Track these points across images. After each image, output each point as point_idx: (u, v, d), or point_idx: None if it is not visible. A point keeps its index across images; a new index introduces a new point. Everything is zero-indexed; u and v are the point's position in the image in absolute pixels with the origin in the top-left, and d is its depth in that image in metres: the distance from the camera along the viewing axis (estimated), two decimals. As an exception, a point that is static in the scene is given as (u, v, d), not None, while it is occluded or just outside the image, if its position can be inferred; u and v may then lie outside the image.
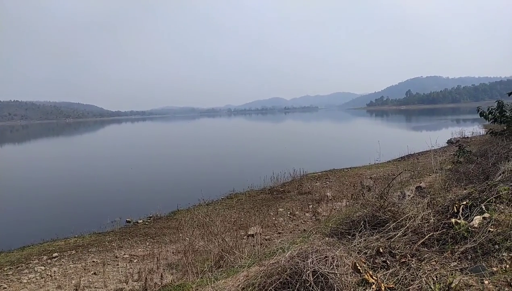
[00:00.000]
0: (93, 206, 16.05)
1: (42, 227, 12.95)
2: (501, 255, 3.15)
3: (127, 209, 14.38)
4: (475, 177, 6.36)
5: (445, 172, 7.82)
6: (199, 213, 10.41)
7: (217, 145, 42.99)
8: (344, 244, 3.91)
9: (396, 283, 2.91)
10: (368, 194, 5.73)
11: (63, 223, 12.95)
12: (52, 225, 12.99)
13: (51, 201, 17.45)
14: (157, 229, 11.95)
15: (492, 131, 10.24)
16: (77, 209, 15.74)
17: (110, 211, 13.93)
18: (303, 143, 40.56)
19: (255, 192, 16.12)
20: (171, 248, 9.26)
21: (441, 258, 3.31)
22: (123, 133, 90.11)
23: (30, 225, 13.44)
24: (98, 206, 15.95)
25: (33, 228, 12.98)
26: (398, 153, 22.52)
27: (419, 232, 3.90)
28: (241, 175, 20.24)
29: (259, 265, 3.80)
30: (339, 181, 16.67)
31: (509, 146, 7.33)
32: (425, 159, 18.13)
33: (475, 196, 4.47)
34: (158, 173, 24.43)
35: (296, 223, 10.85)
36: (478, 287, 2.58)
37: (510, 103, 10.06)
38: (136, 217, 13.35)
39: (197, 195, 14.69)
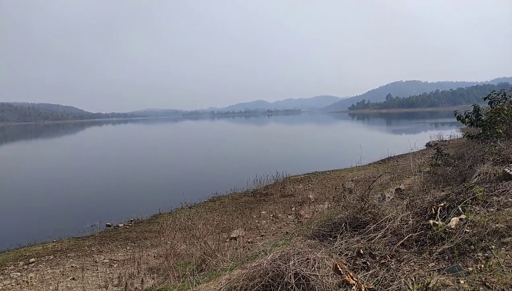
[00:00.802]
0: (72, 210, 15.66)
1: (18, 231, 12.56)
2: (476, 255, 3.25)
3: (107, 213, 14.11)
4: (452, 179, 6.53)
5: (423, 174, 8.00)
6: (181, 216, 10.31)
7: (200, 148, 42.74)
8: (325, 246, 3.95)
9: (376, 284, 2.96)
10: (350, 196, 5.80)
11: (41, 228, 12.58)
12: (29, 230, 12.60)
13: (28, 205, 16.93)
14: (138, 232, 11.76)
15: (469, 135, 10.53)
16: (55, 213, 15.32)
17: (90, 215, 13.64)
18: (286, 146, 40.75)
19: (238, 194, 16.08)
20: (152, 252, 9.14)
21: (419, 259, 3.38)
22: (104, 135, 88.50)
23: (6, 230, 13.01)
24: (77, 210, 15.57)
25: (9, 232, 12.58)
26: (379, 156, 22.91)
27: (398, 233, 3.97)
28: (224, 178, 20.17)
29: (241, 268, 3.79)
30: (322, 184, 16.82)
31: (485, 149, 7.55)
32: (404, 162, 18.53)
33: (452, 197, 4.59)
34: (140, 176, 24.07)
35: (278, 225, 10.89)
36: (454, 287, 2.65)
37: (485, 108, 10.38)
38: (117, 221, 13.11)
39: (179, 198, 14.55)
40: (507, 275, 2.72)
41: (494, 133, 8.78)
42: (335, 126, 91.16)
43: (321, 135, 60.71)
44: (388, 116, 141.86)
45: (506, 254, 3.13)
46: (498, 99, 9.99)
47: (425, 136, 34.03)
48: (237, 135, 68.37)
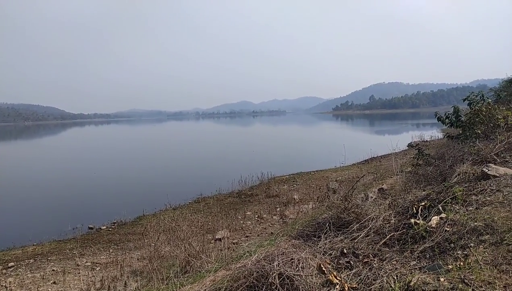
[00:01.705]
0: (53, 212, 15.29)
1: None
2: (456, 253, 3.33)
3: (89, 215, 13.84)
4: (433, 179, 6.67)
5: (405, 174, 8.15)
6: (166, 217, 10.21)
7: (185, 149, 42.39)
8: (310, 246, 3.98)
9: (359, 283, 2.99)
10: (334, 196, 5.87)
11: (21, 231, 12.24)
12: (9, 233, 12.25)
13: (7, 208, 16.44)
14: (121, 235, 11.59)
15: (449, 135, 10.77)
16: (36, 215, 14.93)
17: (72, 218, 13.34)
18: (271, 146, 40.85)
19: (223, 195, 16.03)
20: (135, 254, 9.01)
21: (401, 258, 3.44)
22: (86, 136, 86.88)
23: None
24: (59, 212, 15.20)
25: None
26: (363, 156, 23.21)
27: (381, 232, 4.03)
28: (209, 179, 20.07)
29: (226, 269, 3.78)
30: (306, 184, 16.92)
31: (464, 149, 7.74)
32: (387, 162, 18.82)
33: (433, 197, 4.70)
34: (123, 178, 23.70)
35: (263, 226, 10.90)
36: (435, 285, 2.70)
37: (465, 109, 10.65)
38: (99, 223, 12.87)
39: (163, 200, 14.41)
40: (485, 272, 2.80)
41: (473, 134, 9.01)
42: (320, 127, 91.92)
43: (306, 136, 61.14)
44: (371, 117, 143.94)
45: (484, 252, 3.22)
46: (477, 101, 10.26)
47: (407, 137, 34.67)
48: (222, 136, 68.15)
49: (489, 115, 9.33)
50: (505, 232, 3.43)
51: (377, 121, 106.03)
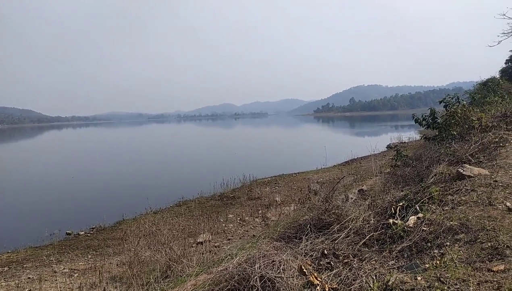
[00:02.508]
0: (29, 218, 14.81)
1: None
2: (432, 252, 3.41)
3: (67, 220, 13.50)
4: (411, 180, 6.82)
5: (384, 175, 8.31)
6: (146, 222, 10.05)
7: (166, 152, 41.92)
8: (291, 247, 3.99)
9: (339, 283, 3.03)
10: (315, 197, 5.92)
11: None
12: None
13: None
14: (100, 240, 11.36)
15: (426, 137, 11.07)
16: (11, 221, 14.48)
17: (49, 223, 12.95)
18: (253, 149, 40.89)
19: (205, 198, 15.93)
20: (115, 260, 8.83)
21: (380, 257, 3.50)
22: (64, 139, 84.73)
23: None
24: (35, 218, 14.75)
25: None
26: (343, 158, 23.53)
27: (360, 233, 4.10)
28: (191, 182, 19.91)
29: (207, 273, 3.76)
30: (288, 186, 17.01)
31: (440, 150, 7.96)
32: (367, 163, 19.14)
33: (410, 197, 4.81)
34: (102, 181, 23.22)
35: (245, 228, 10.89)
36: (412, 284, 2.76)
37: (441, 111, 10.97)
38: (78, 229, 12.58)
39: (144, 203, 14.19)
40: (459, 270, 2.88)
41: (449, 135, 9.28)
42: (301, 129, 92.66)
43: (288, 138, 61.50)
44: (351, 119, 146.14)
45: (459, 250, 3.31)
46: (452, 103, 10.58)
47: (386, 139, 35.36)
48: (204, 138, 67.77)
49: (464, 117, 9.63)
50: (478, 230, 3.54)
51: (357, 123, 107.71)
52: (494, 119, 10.82)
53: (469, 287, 2.60)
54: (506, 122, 11.00)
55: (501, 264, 2.84)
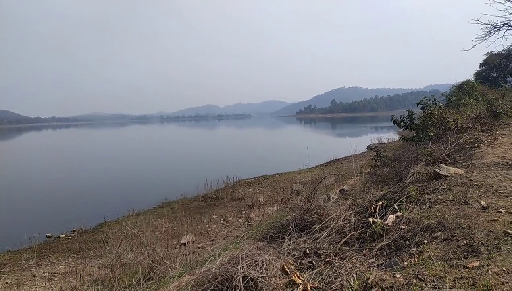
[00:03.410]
0: (7, 222, 14.38)
1: None
2: (410, 250, 3.51)
3: (47, 223, 13.16)
4: (390, 179, 6.99)
5: (364, 175, 8.47)
6: (128, 224, 9.94)
7: (149, 153, 41.36)
8: (274, 247, 4.03)
9: (321, 282, 3.08)
10: (297, 198, 5.98)
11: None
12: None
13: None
14: (81, 243, 11.16)
15: (404, 138, 11.34)
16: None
17: (28, 226, 12.64)
18: (236, 150, 40.85)
19: (188, 199, 15.84)
20: (97, 262, 8.68)
21: (360, 256, 3.58)
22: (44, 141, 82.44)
23: None
24: (13, 221, 14.35)
25: None
26: (325, 158, 23.81)
27: (341, 232, 4.18)
28: (174, 183, 19.75)
29: (190, 274, 3.76)
30: (271, 186, 17.09)
31: (418, 151, 8.17)
32: (348, 163, 19.42)
33: (389, 196, 4.93)
34: (84, 183, 22.71)
35: (229, 229, 10.89)
36: (391, 281, 2.84)
37: (419, 112, 11.26)
38: (58, 231, 12.32)
39: (126, 205, 14.00)
40: (437, 267, 2.98)
41: (426, 136, 9.54)
42: (284, 130, 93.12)
43: (271, 139, 61.69)
44: (333, 120, 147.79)
45: (436, 248, 3.42)
46: (429, 105, 10.87)
47: (366, 139, 35.98)
48: (187, 140, 67.20)
49: (440, 119, 9.92)
50: (455, 228, 3.67)
51: (339, 124, 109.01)
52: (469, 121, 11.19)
53: (445, 283, 2.69)
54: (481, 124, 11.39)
55: (476, 261, 2.95)
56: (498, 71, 28.39)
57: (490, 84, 24.62)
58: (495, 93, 18.34)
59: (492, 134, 9.97)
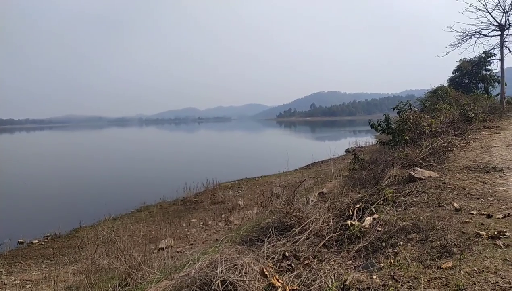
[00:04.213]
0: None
1: None
2: (387, 251, 3.59)
3: (19, 229, 12.74)
4: (367, 182, 7.12)
5: (343, 178, 8.59)
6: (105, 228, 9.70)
7: (127, 156, 40.56)
8: (253, 250, 4.03)
9: (300, 284, 3.10)
10: (277, 201, 6.00)
11: None
12: None
13: None
14: (55, 249, 10.86)
15: (381, 141, 11.59)
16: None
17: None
18: (216, 153, 40.65)
19: (167, 203, 15.64)
20: (71, 268, 8.45)
21: (338, 258, 3.63)
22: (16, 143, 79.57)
23: None
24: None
25: None
26: (305, 161, 24.03)
27: (320, 234, 4.22)
28: (153, 187, 19.45)
29: (168, 279, 3.70)
30: (251, 190, 17.10)
31: (394, 154, 8.37)
32: (327, 167, 19.66)
33: (366, 199, 5.02)
34: (58, 187, 22.05)
35: (208, 233, 10.82)
36: (368, 282, 2.89)
37: (395, 117, 11.54)
38: (31, 237, 11.93)
39: (103, 210, 13.67)
40: (412, 268, 3.05)
41: (402, 140, 9.79)
42: (264, 133, 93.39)
43: (251, 142, 61.74)
44: (312, 124, 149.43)
45: (411, 249, 3.51)
46: (405, 110, 11.17)
47: (345, 143, 36.56)
48: (167, 143, 66.32)
49: (415, 123, 10.21)
50: (429, 230, 3.77)
51: (318, 128, 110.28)
52: (443, 125, 11.57)
53: (420, 284, 2.75)
54: (454, 128, 11.80)
55: (449, 261, 3.04)
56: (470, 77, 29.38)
57: (463, 90, 25.48)
58: (468, 98, 19.03)
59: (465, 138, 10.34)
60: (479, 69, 28.65)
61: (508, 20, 20.26)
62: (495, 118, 16.69)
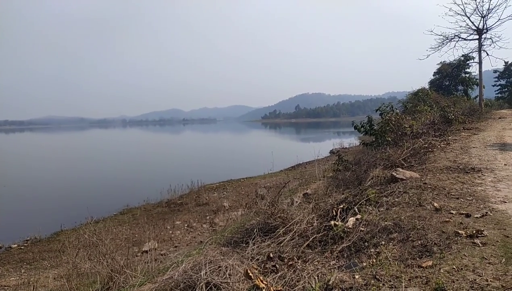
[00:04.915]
0: None
1: None
2: (369, 251, 3.64)
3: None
4: (351, 183, 7.21)
5: (327, 179, 8.67)
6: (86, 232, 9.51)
7: (110, 158, 39.89)
8: (238, 252, 4.03)
9: (284, 285, 3.12)
10: (261, 202, 6.01)
11: None
12: None
13: None
14: (35, 253, 10.58)
15: (364, 143, 11.76)
16: None
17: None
18: (201, 154, 40.42)
19: (151, 205, 15.45)
20: (52, 273, 8.26)
21: (322, 258, 3.66)
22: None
23: None
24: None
25: None
26: (289, 163, 24.12)
27: (304, 235, 4.25)
28: (137, 189, 19.19)
29: (151, 283, 3.66)
30: (236, 191, 17.07)
31: (377, 155, 8.50)
32: (311, 168, 19.82)
33: (350, 199, 5.08)
34: (39, 190, 21.46)
35: (193, 235, 10.75)
36: (350, 282, 2.93)
37: (377, 118, 11.73)
38: (9, 241, 11.59)
39: (85, 213, 13.39)
40: (393, 268, 3.10)
41: (384, 141, 9.96)
42: (250, 135, 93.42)
43: (236, 144, 61.65)
44: (297, 125, 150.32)
45: (393, 249, 3.57)
46: (387, 111, 11.37)
47: (329, 144, 36.89)
48: (151, 144, 65.56)
49: (397, 125, 10.40)
50: (410, 229, 3.85)
51: (303, 129, 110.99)
52: (424, 127, 11.82)
53: (401, 283, 2.80)
54: (434, 129, 12.08)
55: (430, 260, 3.11)
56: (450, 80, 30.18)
57: (443, 92, 26.12)
58: (448, 100, 19.51)
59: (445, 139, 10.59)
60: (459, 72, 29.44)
61: (485, 24, 20.94)
62: (474, 120, 17.17)
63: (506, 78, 39.78)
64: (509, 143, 10.12)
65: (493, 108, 26.19)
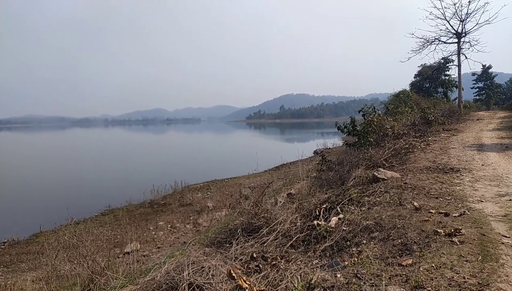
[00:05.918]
0: None
1: None
2: (351, 250, 3.69)
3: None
4: (334, 183, 7.29)
5: (311, 179, 8.74)
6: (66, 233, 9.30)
7: (91, 158, 39.11)
8: (221, 252, 4.02)
9: (267, 285, 3.13)
10: (245, 202, 6.01)
11: None
12: None
13: None
14: (13, 255, 10.29)
15: (347, 143, 11.90)
16: None
17: None
18: (185, 155, 40.09)
19: (133, 206, 15.22)
20: (30, 276, 8.05)
21: (305, 257, 3.69)
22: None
23: None
24: None
25: None
26: (274, 163, 24.19)
27: (288, 235, 4.27)
28: (119, 190, 18.87)
29: (133, 284, 3.62)
30: (220, 191, 17.01)
31: (359, 155, 8.62)
32: (295, 168, 19.92)
33: (333, 199, 5.14)
34: (16, 191, 20.87)
35: (176, 235, 10.65)
36: (332, 281, 2.96)
37: (360, 119, 11.89)
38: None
39: (65, 214, 13.09)
40: (374, 266, 3.16)
41: (367, 141, 10.10)
42: (234, 135, 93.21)
43: (221, 144, 61.44)
44: (281, 126, 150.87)
45: (374, 247, 3.63)
46: (369, 112, 11.53)
47: (313, 145, 37.19)
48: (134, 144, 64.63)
49: (379, 126, 10.58)
50: (391, 228, 3.92)
51: (287, 129, 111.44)
52: (405, 128, 12.05)
53: (382, 281, 2.86)
54: (415, 130, 12.33)
55: (409, 259, 3.18)
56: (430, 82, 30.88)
57: (424, 94, 26.67)
58: (428, 102, 19.94)
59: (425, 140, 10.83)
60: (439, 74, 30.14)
61: (464, 28, 21.51)
62: (453, 121, 17.61)
63: (484, 81, 41.01)
64: (486, 144, 10.43)
65: (472, 110, 26.92)
